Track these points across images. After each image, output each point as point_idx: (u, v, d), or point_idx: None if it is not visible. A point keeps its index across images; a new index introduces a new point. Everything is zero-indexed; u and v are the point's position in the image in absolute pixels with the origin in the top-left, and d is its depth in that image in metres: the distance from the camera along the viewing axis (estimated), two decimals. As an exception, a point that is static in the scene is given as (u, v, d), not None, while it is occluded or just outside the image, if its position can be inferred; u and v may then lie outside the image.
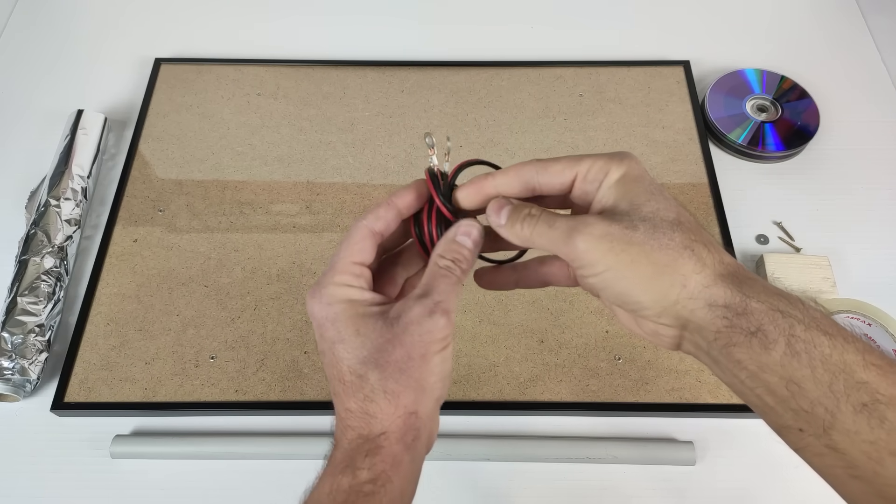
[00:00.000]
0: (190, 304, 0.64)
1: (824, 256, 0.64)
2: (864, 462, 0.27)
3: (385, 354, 0.31)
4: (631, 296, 0.31)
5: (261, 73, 0.80)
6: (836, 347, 0.28)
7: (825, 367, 0.28)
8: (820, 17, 0.87)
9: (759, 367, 0.29)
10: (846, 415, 0.27)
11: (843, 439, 0.28)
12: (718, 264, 0.30)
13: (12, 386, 0.57)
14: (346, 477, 0.31)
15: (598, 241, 0.30)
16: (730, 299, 0.29)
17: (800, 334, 0.28)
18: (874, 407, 0.27)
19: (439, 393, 0.33)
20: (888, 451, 0.27)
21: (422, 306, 0.32)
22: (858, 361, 0.28)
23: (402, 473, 0.31)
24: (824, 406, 0.28)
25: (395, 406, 0.31)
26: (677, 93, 0.78)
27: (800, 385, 0.28)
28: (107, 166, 0.74)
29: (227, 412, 0.59)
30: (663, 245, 0.30)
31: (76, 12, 0.88)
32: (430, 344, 0.31)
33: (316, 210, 0.69)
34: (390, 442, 0.31)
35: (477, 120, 0.76)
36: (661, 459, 0.56)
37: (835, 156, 0.74)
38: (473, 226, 0.34)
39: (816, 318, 0.29)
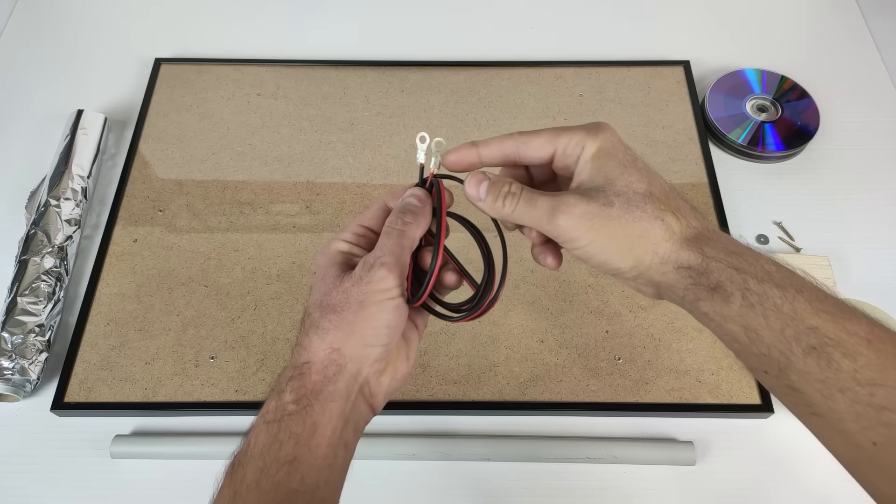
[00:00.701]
0: (190, 304, 0.64)
1: (824, 256, 0.64)
2: (819, 399, 0.30)
3: (329, 297, 0.35)
4: (611, 264, 0.35)
5: (261, 73, 0.80)
6: (787, 297, 0.31)
7: (777, 316, 0.31)
8: (820, 17, 0.87)
9: (722, 318, 0.33)
10: (798, 357, 0.31)
11: (798, 379, 0.31)
12: (686, 229, 0.34)
13: (12, 386, 0.57)
14: (273, 400, 0.35)
15: (578, 220, 0.34)
16: (693, 261, 0.33)
17: (753, 288, 0.32)
18: (822, 349, 0.30)
19: (373, 340, 0.35)
20: (837, 388, 0.30)
21: (363, 262, 0.35)
22: (808, 309, 0.31)
23: (322, 401, 0.34)
24: (779, 349, 0.31)
25: (322, 340, 0.34)
26: (677, 93, 0.78)
27: (756, 332, 0.32)
28: (107, 166, 0.74)
29: (227, 412, 0.59)
30: (636, 217, 0.33)
31: (76, 12, 0.88)
32: (367, 294, 0.34)
33: (316, 210, 0.70)
34: (311, 371, 0.34)
35: (477, 120, 0.76)
36: (661, 459, 0.56)
37: (835, 156, 0.74)
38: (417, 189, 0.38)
39: (770, 272, 0.32)
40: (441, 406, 0.58)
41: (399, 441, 0.57)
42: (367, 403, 0.37)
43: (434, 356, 0.60)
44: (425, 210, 0.38)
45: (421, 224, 0.37)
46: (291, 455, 0.33)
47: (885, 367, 0.29)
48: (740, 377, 0.59)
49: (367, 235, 0.39)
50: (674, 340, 0.61)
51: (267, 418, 0.34)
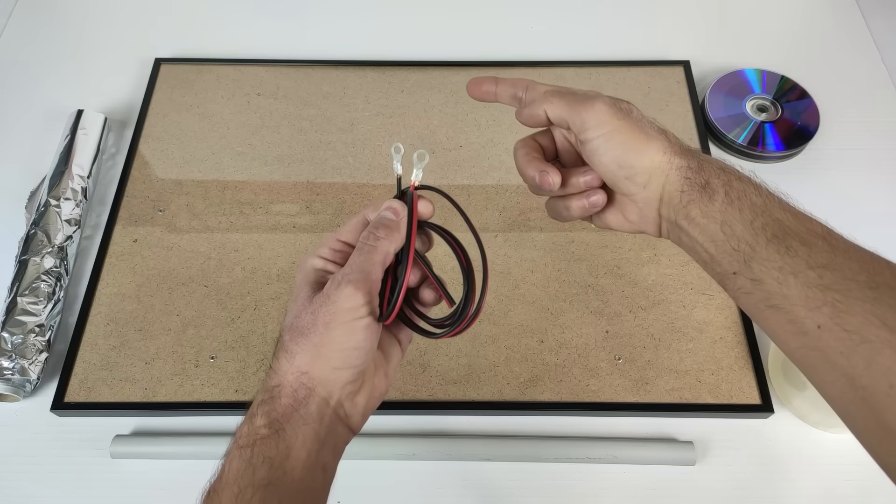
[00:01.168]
0: (190, 304, 0.64)
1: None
2: (776, 288, 0.33)
3: (298, 320, 0.35)
4: (627, 158, 0.38)
5: (261, 73, 0.80)
6: (762, 195, 0.36)
7: (751, 209, 0.36)
8: (820, 17, 0.87)
9: (705, 217, 0.37)
10: (761, 245, 0.34)
11: (760, 269, 0.34)
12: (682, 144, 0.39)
13: (12, 386, 0.57)
14: (245, 424, 0.35)
15: (606, 107, 0.39)
16: (689, 162, 0.38)
17: (735, 185, 0.37)
18: (783, 238, 0.34)
19: (339, 363, 0.35)
20: (791, 272, 0.33)
21: (333, 280, 0.35)
22: (776, 205, 0.36)
23: (293, 424, 0.34)
24: (747, 241, 0.35)
25: (290, 364, 0.34)
26: (677, 93, 0.78)
27: (731, 226, 0.36)
28: (107, 166, 0.74)
29: (227, 412, 0.59)
30: (648, 126, 0.39)
31: (76, 12, 0.88)
32: (335, 314, 0.34)
33: (316, 210, 0.69)
34: (281, 394, 0.34)
35: (477, 120, 0.76)
36: (661, 459, 0.56)
37: (835, 156, 0.74)
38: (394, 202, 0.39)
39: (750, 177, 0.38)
40: (441, 406, 0.58)
41: (399, 441, 0.57)
42: (344, 425, 0.36)
43: (434, 356, 0.60)
44: (400, 224, 0.37)
45: (395, 238, 0.37)
46: (266, 479, 0.33)
47: (834, 254, 0.33)
48: (740, 377, 0.59)
49: (344, 251, 0.38)
50: (674, 340, 0.61)
51: (240, 443, 0.34)
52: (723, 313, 0.62)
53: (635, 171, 0.38)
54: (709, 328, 0.62)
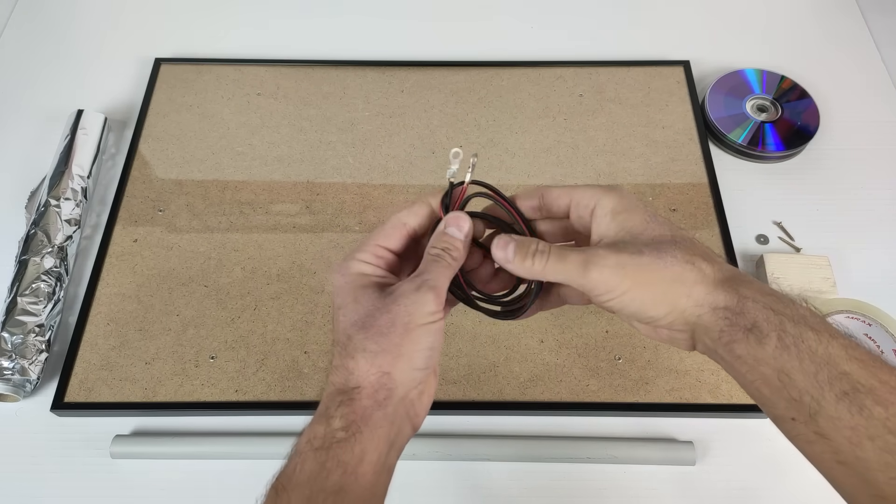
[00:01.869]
0: (190, 304, 0.64)
1: (824, 256, 0.64)
2: (847, 447, 0.30)
3: (372, 319, 0.35)
4: (646, 313, 0.35)
5: (261, 73, 0.80)
6: (822, 342, 0.31)
7: (811, 359, 0.31)
8: (820, 17, 0.87)
9: (756, 361, 0.32)
10: (829, 402, 0.30)
11: (827, 425, 0.30)
12: (717, 272, 0.34)
13: (12, 386, 0.57)
14: (321, 425, 0.34)
15: (612, 271, 0.34)
16: (728, 301, 0.33)
17: (789, 329, 0.32)
18: (854, 395, 0.30)
19: (421, 363, 0.35)
20: (867, 435, 0.29)
21: (411, 283, 0.35)
22: (842, 355, 0.31)
23: (371, 427, 0.34)
24: (810, 394, 0.31)
25: (371, 364, 0.34)
26: (677, 93, 0.78)
27: (789, 375, 0.31)
28: (107, 166, 0.74)
29: (227, 412, 0.59)
30: (668, 263, 0.34)
31: (76, 12, 0.88)
32: (414, 315, 0.34)
33: (316, 210, 0.70)
34: (362, 396, 0.34)
35: (477, 120, 0.76)
36: (661, 459, 0.56)
37: (835, 156, 0.74)
38: (460, 217, 0.37)
39: (805, 316, 0.32)
40: (441, 406, 0.58)
41: (399, 441, 0.57)
42: (411, 424, 0.37)
43: (434, 356, 0.60)
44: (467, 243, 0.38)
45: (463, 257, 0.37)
46: (338, 485, 0.33)
47: None
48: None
49: (387, 257, 0.38)
50: (674, 340, 0.61)
51: (315, 444, 0.33)
52: (723, 313, 0.62)
53: (656, 319, 0.35)
54: (709, 328, 0.62)
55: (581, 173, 0.72)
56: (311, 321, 0.63)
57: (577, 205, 0.37)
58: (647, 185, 0.71)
